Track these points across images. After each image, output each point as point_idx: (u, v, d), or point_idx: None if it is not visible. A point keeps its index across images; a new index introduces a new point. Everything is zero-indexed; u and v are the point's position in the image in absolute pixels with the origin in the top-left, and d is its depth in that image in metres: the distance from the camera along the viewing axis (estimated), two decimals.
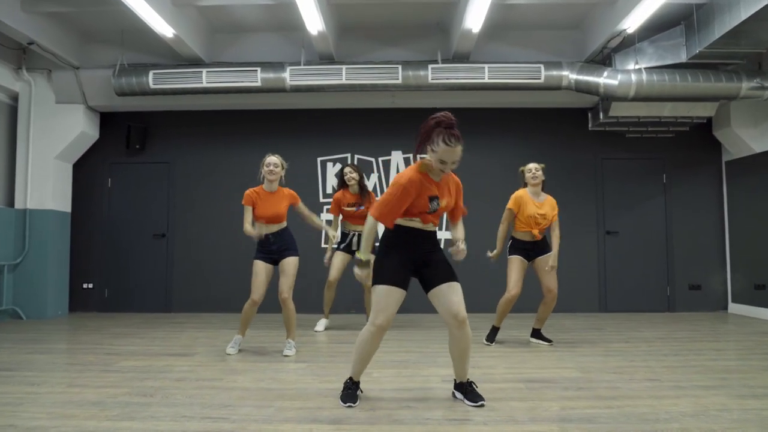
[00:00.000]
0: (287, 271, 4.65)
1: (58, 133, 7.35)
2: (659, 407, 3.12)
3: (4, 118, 7.29)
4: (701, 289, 7.75)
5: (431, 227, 3.17)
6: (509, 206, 4.94)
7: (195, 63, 7.04)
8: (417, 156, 3.12)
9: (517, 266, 4.94)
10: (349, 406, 3.09)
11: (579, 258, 7.69)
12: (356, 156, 7.93)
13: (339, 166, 7.90)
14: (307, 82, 6.80)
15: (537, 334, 5.21)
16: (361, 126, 7.97)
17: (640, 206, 7.87)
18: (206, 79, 6.79)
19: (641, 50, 6.57)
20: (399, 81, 6.73)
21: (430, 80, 6.74)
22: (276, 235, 4.68)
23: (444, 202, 3.13)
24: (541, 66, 6.71)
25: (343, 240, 5.99)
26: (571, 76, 6.72)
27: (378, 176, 7.85)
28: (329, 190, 7.89)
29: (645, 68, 6.49)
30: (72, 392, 3.53)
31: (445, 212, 3.27)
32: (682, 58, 6.34)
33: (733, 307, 7.59)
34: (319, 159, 7.96)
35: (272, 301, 5.20)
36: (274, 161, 4.71)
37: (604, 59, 6.87)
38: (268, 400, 3.33)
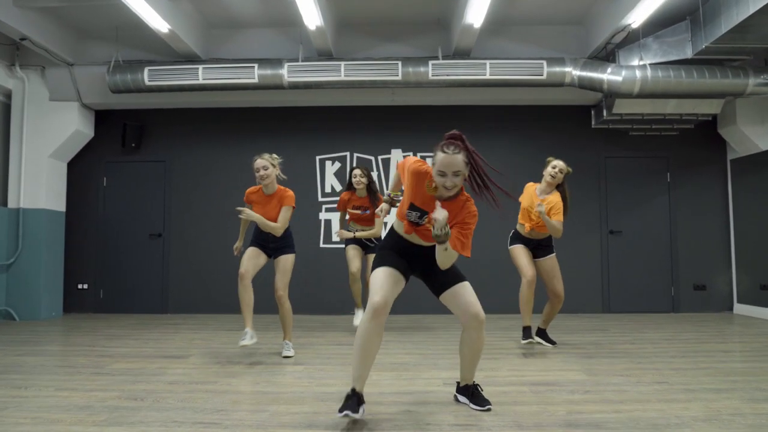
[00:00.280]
0: (283, 267, 4.48)
1: (53, 132, 7.22)
2: (669, 411, 3.00)
3: None
4: (706, 290, 7.62)
5: (419, 241, 2.99)
6: (521, 200, 4.85)
7: (191, 59, 6.92)
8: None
9: (520, 252, 4.76)
10: (345, 415, 2.67)
11: (582, 258, 7.57)
12: (355, 154, 7.80)
13: (338, 165, 7.78)
14: (305, 78, 6.67)
15: (542, 334, 5.04)
16: (360, 124, 7.85)
17: (644, 205, 7.75)
18: (202, 75, 6.66)
19: (646, 46, 6.45)
20: (399, 77, 6.60)
21: (430, 77, 6.61)
22: (273, 239, 4.50)
23: (426, 219, 2.88)
24: (544, 62, 6.58)
25: (351, 239, 5.72)
26: (574, 72, 6.59)
27: (377, 175, 7.72)
28: (328, 189, 7.77)
29: (650, 64, 6.36)
30: (59, 396, 3.40)
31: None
32: (688, 54, 6.21)
33: (739, 308, 7.47)
34: (317, 157, 7.84)
35: (267, 302, 5.07)
36: (263, 164, 4.37)
37: (607, 55, 6.75)
38: (262, 404, 3.21)
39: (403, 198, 2.98)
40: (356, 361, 2.81)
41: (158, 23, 5.91)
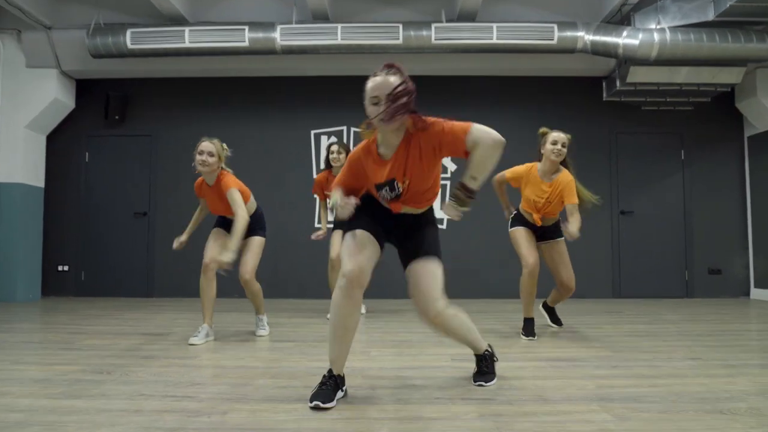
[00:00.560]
0: (251, 248, 4.01)
1: (29, 100, 6.74)
2: (713, 386, 2.61)
3: None
4: (722, 274, 7.22)
5: (414, 210, 2.54)
6: (506, 174, 4.11)
7: (177, 22, 6.46)
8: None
9: (521, 235, 4.06)
10: (316, 406, 2.22)
11: (591, 240, 7.13)
12: (352, 129, 7.36)
13: (335, 140, 7.34)
14: (300, 42, 6.22)
15: (548, 309, 4.50)
16: (358, 96, 7.30)
17: (657, 184, 7.33)
18: (189, 38, 6.20)
19: (664, 9, 6.02)
20: (400, 42, 6.16)
21: (433, 41, 6.16)
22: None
23: (405, 182, 2.40)
24: (555, 26, 6.15)
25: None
26: (587, 37, 6.15)
27: None
28: (324, 166, 7.32)
29: (668, 27, 5.94)
30: (15, 369, 2.99)
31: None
32: (709, 16, 5.78)
33: (756, 293, 7.07)
34: (312, 132, 7.39)
35: (267, 285, 4.60)
36: (208, 148, 3.78)
37: (622, 20, 6.32)
38: (246, 378, 2.79)
39: (359, 184, 2.56)
40: (332, 340, 2.38)
41: None
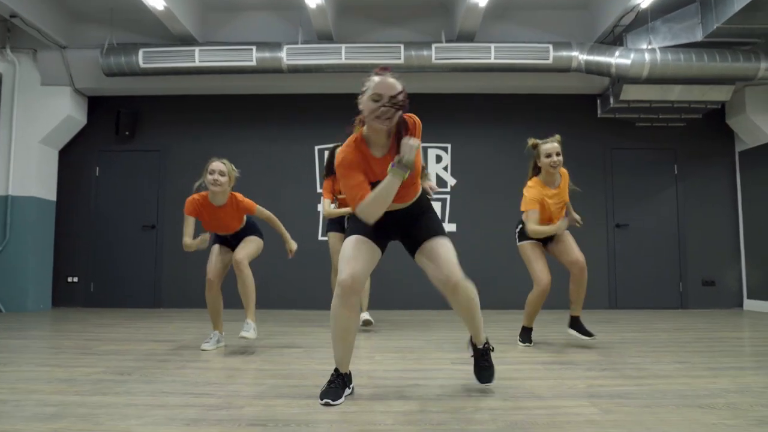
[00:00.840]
0: (247, 241, 3.96)
1: (44, 117, 7.00)
2: (695, 385, 2.80)
3: None
4: (715, 285, 7.42)
5: (404, 203, 2.57)
6: (532, 208, 3.90)
7: (187, 42, 6.73)
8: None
9: (532, 250, 4.04)
10: (326, 404, 2.37)
11: (587, 252, 7.11)
12: None
13: (337, 144, 7.55)
14: (305, 62, 6.48)
15: (576, 324, 4.16)
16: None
17: (651, 198, 7.56)
18: (199, 57, 6.46)
19: (654, 30, 6.29)
20: (401, 61, 6.42)
21: (433, 60, 6.43)
22: (234, 234, 4.03)
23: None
24: (550, 46, 6.42)
25: (338, 220, 5.14)
26: (581, 56, 6.42)
27: None
28: (326, 173, 7.54)
29: (659, 48, 6.20)
30: (41, 371, 3.18)
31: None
32: (698, 37, 6.05)
33: (749, 304, 7.26)
34: (316, 147, 7.63)
35: (264, 296, 4.74)
36: (220, 168, 3.79)
37: (615, 40, 6.59)
38: (259, 378, 3.00)
39: (385, 184, 2.39)
40: (335, 342, 2.52)
41: (154, 0, 5.72)
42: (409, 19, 6.92)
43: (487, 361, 2.72)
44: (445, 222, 7.39)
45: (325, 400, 2.39)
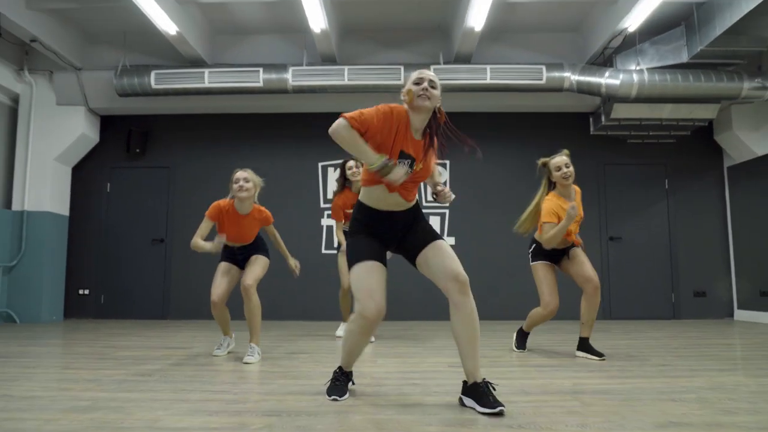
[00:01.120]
0: (256, 262, 4.07)
1: (58, 135, 7.31)
2: (674, 383, 3.05)
3: (4, 120, 7.24)
4: (706, 296, 7.65)
5: (399, 202, 2.65)
6: (550, 221, 3.94)
7: (197, 64, 7.04)
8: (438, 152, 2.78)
9: (544, 273, 4.15)
10: (334, 399, 2.64)
11: None
12: (358, 162, 7.87)
13: (340, 172, 7.82)
14: (309, 82, 6.80)
15: (585, 345, 4.14)
16: None
17: (643, 212, 7.82)
18: (208, 79, 6.78)
19: (642, 51, 6.60)
20: (401, 82, 6.71)
21: None
22: (242, 248, 4.15)
23: (419, 166, 2.63)
24: (543, 67, 6.72)
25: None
26: (572, 77, 6.72)
27: None
28: (330, 195, 7.83)
29: (647, 68, 6.51)
30: (67, 372, 3.44)
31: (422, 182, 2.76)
32: (684, 58, 6.36)
33: (740, 314, 7.49)
34: (320, 164, 7.92)
35: (269, 309, 4.85)
36: (244, 176, 3.93)
37: (605, 61, 6.90)
38: (270, 379, 3.24)
39: (369, 151, 2.49)
40: (345, 354, 2.79)
41: (167, 25, 6.04)
42: (408, 42, 7.25)
43: (484, 394, 2.45)
44: (445, 236, 7.65)
45: (333, 397, 2.65)
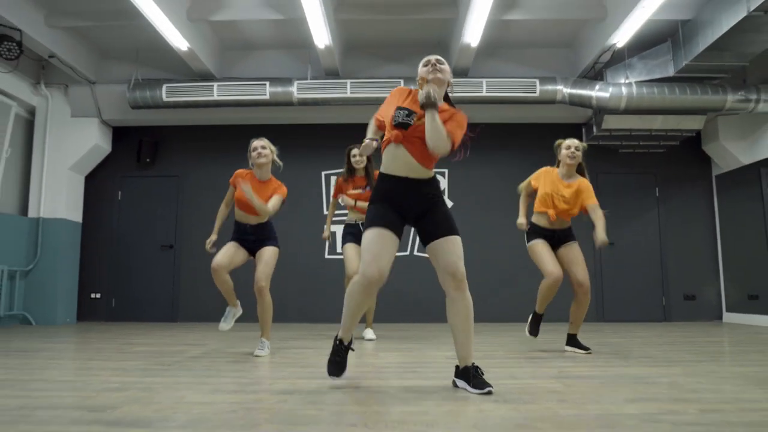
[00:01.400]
0: (265, 259, 4.13)
1: (72, 146, 7.64)
2: (652, 371, 3.32)
3: (21, 131, 7.57)
4: (696, 299, 7.93)
5: (412, 164, 2.76)
6: (530, 178, 4.41)
7: (206, 78, 7.38)
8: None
9: (542, 249, 4.22)
10: (333, 378, 2.87)
11: None
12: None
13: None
14: (314, 95, 7.13)
15: (573, 340, 4.37)
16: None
17: (635, 219, 8.12)
18: (217, 92, 7.11)
19: (631, 66, 6.93)
20: None
21: None
22: (255, 227, 4.24)
23: (415, 118, 2.73)
24: (537, 81, 7.05)
25: (352, 230, 5.40)
26: (564, 90, 7.05)
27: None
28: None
29: (635, 82, 6.84)
30: (93, 363, 3.70)
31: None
32: (670, 72, 6.68)
33: (728, 317, 7.76)
34: (323, 173, 8.23)
35: (274, 311, 5.07)
36: (261, 143, 4.21)
37: (596, 75, 7.23)
38: (281, 367, 3.52)
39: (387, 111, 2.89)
40: (346, 318, 2.82)
41: (179, 41, 6.37)
42: (408, 57, 7.57)
43: (474, 376, 2.71)
44: None
45: (333, 376, 2.87)
